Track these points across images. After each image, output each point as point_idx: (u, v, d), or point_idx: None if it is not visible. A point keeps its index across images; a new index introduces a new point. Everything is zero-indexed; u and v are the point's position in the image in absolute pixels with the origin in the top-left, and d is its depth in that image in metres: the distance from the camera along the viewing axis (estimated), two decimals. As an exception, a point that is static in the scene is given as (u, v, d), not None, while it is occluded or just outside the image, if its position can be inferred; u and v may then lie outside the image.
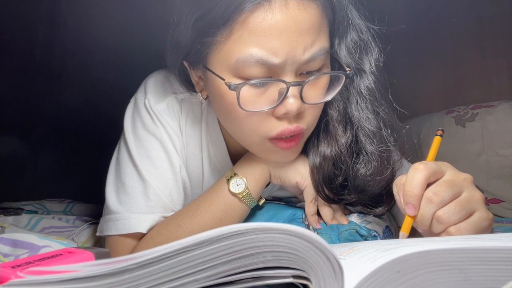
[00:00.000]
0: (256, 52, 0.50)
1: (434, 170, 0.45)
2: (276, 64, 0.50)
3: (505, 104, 1.10)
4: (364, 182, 0.58)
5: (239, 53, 0.51)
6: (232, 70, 0.52)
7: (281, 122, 0.54)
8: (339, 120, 0.60)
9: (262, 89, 0.53)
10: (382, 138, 0.58)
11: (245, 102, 0.52)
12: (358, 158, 0.59)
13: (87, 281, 0.25)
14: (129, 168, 0.63)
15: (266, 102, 0.53)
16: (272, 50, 0.50)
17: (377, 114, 0.58)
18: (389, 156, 0.58)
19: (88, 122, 1.24)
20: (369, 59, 0.59)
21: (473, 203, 0.44)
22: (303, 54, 0.51)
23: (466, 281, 0.28)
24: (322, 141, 0.61)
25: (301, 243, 0.26)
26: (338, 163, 0.60)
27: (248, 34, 0.50)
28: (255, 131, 0.55)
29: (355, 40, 0.58)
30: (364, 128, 0.58)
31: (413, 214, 0.44)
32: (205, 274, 0.26)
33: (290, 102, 0.52)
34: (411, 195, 0.44)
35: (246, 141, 0.59)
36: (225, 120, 0.60)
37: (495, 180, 1.06)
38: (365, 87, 0.58)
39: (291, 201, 0.71)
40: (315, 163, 0.61)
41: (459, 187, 0.45)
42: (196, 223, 0.59)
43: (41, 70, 1.30)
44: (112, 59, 1.25)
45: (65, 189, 1.15)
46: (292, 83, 0.51)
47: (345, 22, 0.57)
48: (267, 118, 0.54)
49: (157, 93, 0.66)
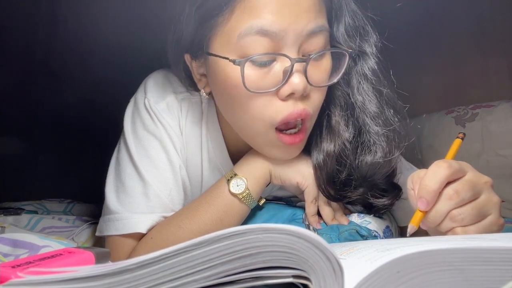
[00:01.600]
0: (256, 22, 0.50)
1: (457, 169, 0.44)
2: (277, 33, 0.51)
3: (505, 104, 1.10)
4: (373, 166, 0.58)
5: (240, 28, 0.51)
6: (236, 49, 0.52)
7: (287, 104, 0.54)
8: (342, 115, 0.60)
9: (266, 69, 0.53)
10: (386, 118, 0.58)
11: (249, 83, 0.52)
12: (362, 146, 0.59)
13: (87, 281, 0.25)
14: (129, 168, 0.63)
15: (271, 82, 0.53)
16: (272, 20, 0.50)
17: (380, 95, 0.58)
18: (395, 136, 0.58)
19: (89, 122, 1.24)
20: (368, 41, 0.59)
21: (489, 206, 0.44)
22: (306, 25, 0.51)
23: (466, 281, 0.28)
24: (325, 138, 0.61)
25: (301, 243, 0.26)
26: (341, 158, 0.59)
27: (250, 10, 0.51)
28: (260, 117, 0.55)
29: (353, 25, 0.58)
30: (369, 110, 0.58)
31: (424, 209, 0.44)
32: (205, 274, 0.26)
33: (295, 81, 0.52)
34: (428, 190, 0.43)
35: (251, 131, 0.58)
36: (229, 111, 0.59)
37: (495, 180, 1.05)
38: (368, 68, 0.58)
39: (291, 201, 0.71)
40: (319, 160, 0.60)
41: (479, 189, 0.44)
42: (196, 223, 0.59)
43: (41, 69, 1.30)
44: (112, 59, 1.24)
45: (65, 189, 1.14)
46: (296, 59, 0.51)
47: (342, 7, 0.58)
48: (272, 101, 0.54)
49: (157, 93, 0.66)
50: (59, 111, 1.29)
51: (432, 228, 0.45)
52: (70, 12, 1.29)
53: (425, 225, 0.45)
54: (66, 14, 1.30)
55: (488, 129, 1.09)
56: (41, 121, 1.33)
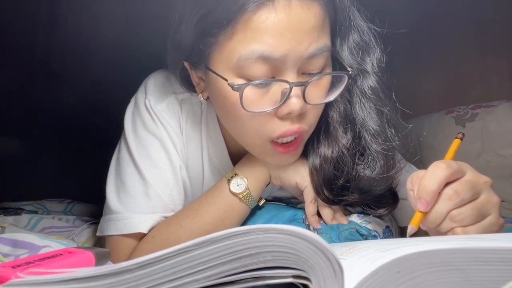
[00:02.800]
0: (257, 47, 0.50)
1: (456, 170, 0.44)
2: (277, 59, 0.50)
3: (505, 104, 1.10)
4: (370, 182, 0.58)
5: (241, 51, 0.50)
6: (234, 70, 0.52)
7: (284, 122, 0.54)
8: (340, 121, 0.60)
9: (265, 89, 0.52)
10: (386, 137, 0.58)
11: (248, 103, 0.52)
12: (361, 159, 0.59)
13: (87, 281, 0.25)
14: (130, 168, 0.63)
15: (269, 103, 0.53)
16: (273, 45, 0.50)
17: (381, 114, 0.58)
18: (394, 155, 0.58)
19: (89, 122, 1.24)
20: (371, 59, 0.58)
21: (489, 207, 0.44)
22: (306, 49, 0.51)
23: (466, 282, 0.28)
24: (322, 143, 0.61)
25: (301, 243, 0.26)
26: (339, 164, 0.59)
27: (251, 33, 0.50)
28: (257, 132, 0.55)
29: (357, 41, 0.58)
30: (369, 128, 0.58)
31: (423, 210, 0.44)
32: (205, 274, 0.26)
33: (293, 102, 0.52)
34: (427, 190, 0.43)
35: (247, 142, 0.59)
36: (227, 121, 0.59)
37: (495, 180, 1.05)
38: (368, 86, 0.58)
39: (291, 202, 0.71)
40: (315, 164, 0.60)
41: (478, 189, 0.44)
42: (197, 223, 0.59)
43: (41, 69, 1.30)
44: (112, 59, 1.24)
45: (65, 189, 1.14)
46: (295, 83, 0.51)
47: (347, 22, 0.57)
48: (270, 119, 0.54)
49: (158, 93, 0.66)
50: (59, 111, 1.29)
51: (432, 229, 0.45)
52: (70, 12, 1.29)
53: (425, 225, 0.45)
54: (66, 14, 1.30)
55: (488, 129, 1.09)
56: (41, 121, 1.33)
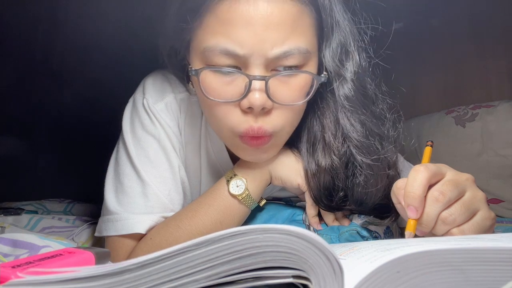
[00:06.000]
0: (222, 41, 0.50)
1: (435, 171, 0.44)
2: (241, 55, 0.50)
3: (505, 104, 1.10)
4: (361, 194, 0.57)
5: (207, 42, 0.51)
6: (202, 59, 0.53)
7: (247, 117, 0.53)
8: (332, 131, 0.58)
9: (229, 79, 0.52)
10: (370, 147, 0.56)
11: (209, 90, 0.52)
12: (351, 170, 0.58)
13: (87, 281, 0.25)
14: (128, 169, 0.63)
15: (233, 93, 0.52)
16: (237, 41, 0.49)
17: (362, 123, 0.57)
18: (382, 165, 0.57)
19: (88, 122, 1.24)
20: (351, 65, 0.57)
21: (476, 202, 0.44)
22: (271, 49, 0.50)
23: (466, 282, 0.28)
24: (317, 150, 0.59)
25: (301, 243, 0.26)
26: (336, 175, 0.58)
27: (216, 22, 0.50)
28: (223, 124, 0.55)
29: (340, 44, 0.56)
30: (351, 139, 0.57)
31: (415, 217, 0.44)
32: (205, 274, 0.26)
33: (254, 96, 0.51)
34: (413, 196, 0.43)
35: (220, 136, 0.59)
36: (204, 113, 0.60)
37: (495, 180, 1.06)
38: (343, 95, 0.57)
39: (291, 201, 0.71)
40: (311, 169, 0.59)
41: (462, 187, 0.44)
42: (195, 224, 0.59)
43: (41, 69, 1.30)
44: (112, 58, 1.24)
45: (65, 189, 1.15)
46: (256, 76, 0.50)
47: (330, 24, 0.55)
48: (233, 111, 0.53)
49: (156, 93, 0.66)
50: (59, 111, 1.29)
51: (427, 234, 0.45)
52: (70, 12, 1.29)
53: (420, 232, 0.45)
54: (66, 14, 1.30)
55: (488, 129, 1.09)
56: (41, 121, 1.33)
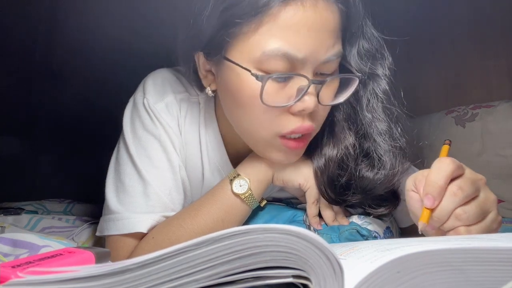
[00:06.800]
0: (283, 46, 0.51)
1: (459, 165, 0.45)
2: (299, 59, 0.51)
3: (505, 104, 1.10)
4: (373, 182, 0.59)
5: (266, 46, 0.51)
6: (255, 63, 0.52)
7: (296, 118, 0.55)
8: (344, 122, 0.61)
9: (282, 84, 0.53)
10: (394, 136, 0.59)
11: (266, 96, 0.52)
12: (364, 160, 0.60)
13: (87, 281, 0.25)
14: (129, 168, 0.63)
15: (285, 98, 0.53)
16: (298, 45, 0.51)
17: (389, 114, 0.59)
18: (401, 154, 0.59)
19: (88, 122, 1.24)
20: (382, 64, 0.60)
21: (489, 204, 0.45)
22: (325, 53, 0.52)
23: (466, 282, 0.28)
24: (326, 143, 0.62)
25: (301, 243, 0.26)
26: (343, 164, 0.60)
27: (277, 28, 0.51)
28: (269, 126, 0.55)
29: (367, 47, 0.59)
30: (377, 127, 0.59)
31: (430, 206, 0.44)
32: (205, 274, 0.26)
33: (308, 99, 0.53)
34: (435, 186, 0.43)
35: (255, 137, 0.58)
36: (236, 115, 0.59)
37: (495, 180, 1.06)
38: (380, 89, 0.59)
39: (291, 202, 0.71)
40: (319, 164, 0.61)
41: (478, 186, 0.45)
42: (198, 223, 0.59)
43: (41, 69, 1.30)
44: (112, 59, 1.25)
45: (65, 189, 1.15)
46: (314, 80, 0.52)
47: (359, 31, 0.58)
48: (283, 114, 0.55)
49: (156, 93, 0.66)
50: (59, 111, 1.29)
51: (435, 228, 0.45)
52: (70, 12, 1.29)
53: (431, 224, 0.45)
54: (66, 14, 1.30)
55: (488, 129, 1.09)
56: (41, 121, 1.33)
